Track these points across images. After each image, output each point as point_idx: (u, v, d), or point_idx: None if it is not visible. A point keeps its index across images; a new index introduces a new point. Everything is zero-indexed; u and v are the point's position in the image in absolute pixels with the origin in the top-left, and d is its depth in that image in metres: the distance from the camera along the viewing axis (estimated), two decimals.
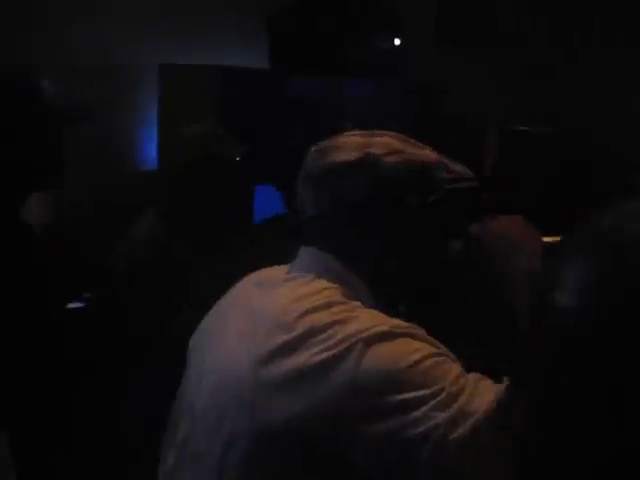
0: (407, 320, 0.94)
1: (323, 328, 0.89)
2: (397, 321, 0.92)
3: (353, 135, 1.07)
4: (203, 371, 1.01)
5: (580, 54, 4.14)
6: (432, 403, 0.82)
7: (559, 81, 4.12)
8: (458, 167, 1.07)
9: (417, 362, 0.86)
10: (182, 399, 1.06)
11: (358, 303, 0.95)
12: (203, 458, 0.95)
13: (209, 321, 1.11)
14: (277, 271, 1.08)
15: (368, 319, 0.91)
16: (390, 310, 0.96)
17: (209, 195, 1.78)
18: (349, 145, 1.04)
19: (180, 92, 3.54)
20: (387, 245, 1.03)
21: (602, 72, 3.95)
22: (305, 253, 1.06)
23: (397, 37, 4.36)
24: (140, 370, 1.60)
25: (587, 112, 3.96)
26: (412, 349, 0.87)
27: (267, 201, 2.90)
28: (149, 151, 3.75)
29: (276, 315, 0.94)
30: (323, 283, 0.99)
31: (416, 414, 0.82)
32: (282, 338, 0.90)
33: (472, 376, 0.88)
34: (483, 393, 0.84)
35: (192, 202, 1.79)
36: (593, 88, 3.96)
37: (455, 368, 0.87)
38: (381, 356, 0.86)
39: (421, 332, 0.91)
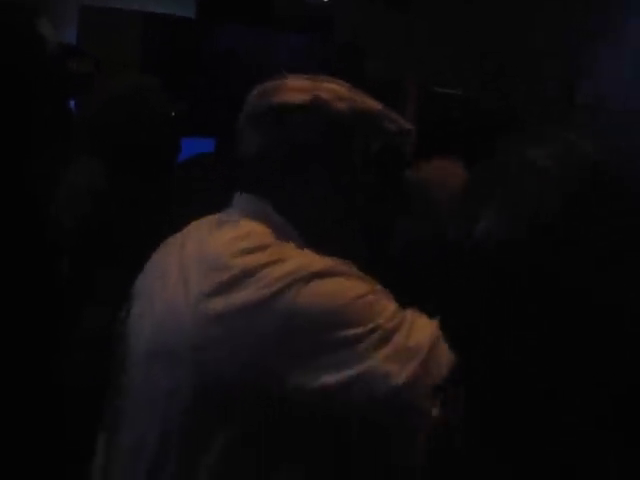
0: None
1: (258, 268, 0.88)
2: (333, 260, 0.92)
3: (299, 79, 1.04)
4: (141, 321, 1.00)
5: None
6: (368, 340, 0.84)
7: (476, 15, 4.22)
8: (400, 120, 1.07)
9: (354, 299, 0.86)
10: (123, 347, 1.04)
11: (292, 244, 0.95)
12: (146, 409, 0.93)
13: (149, 269, 1.09)
14: (214, 217, 1.05)
15: (304, 258, 0.91)
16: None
17: (146, 153, 1.72)
18: (297, 87, 1.01)
19: (100, 36, 3.41)
20: (325, 192, 1.01)
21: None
22: (240, 199, 1.04)
23: None
24: None
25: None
26: (348, 286, 0.88)
27: (191, 154, 2.87)
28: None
29: (210, 257, 0.93)
30: (256, 225, 0.97)
31: (353, 351, 0.83)
32: (217, 278, 0.89)
33: (409, 312, 0.89)
34: (421, 328, 0.86)
35: (128, 160, 1.72)
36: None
37: (391, 304, 0.89)
38: (318, 293, 0.86)
39: (356, 271, 0.92)
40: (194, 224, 1.07)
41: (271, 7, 4.07)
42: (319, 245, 0.97)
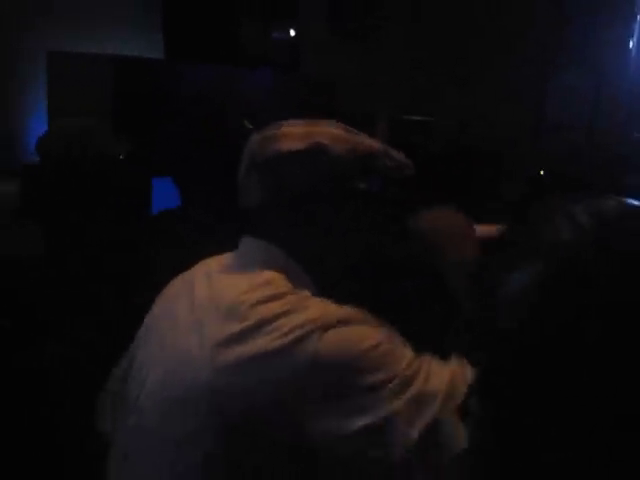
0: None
1: (275, 317, 0.90)
2: (349, 308, 0.94)
3: (296, 124, 1.07)
4: (151, 364, 0.99)
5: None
6: (389, 387, 0.86)
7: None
8: (399, 155, 1.09)
9: (373, 346, 0.89)
10: (129, 392, 1.04)
11: (307, 293, 0.97)
12: (153, 456, 0.94)
13: (156, 312, 1.09)
14: (222, 260, 1.07)
15: (320, 307, 0.93)
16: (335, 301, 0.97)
17: (86, 196, 1.69)
18: (295, 134, 1.04)
19: (70, 81, 3.42)
20: (332, 235, 1.04)
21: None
22: (248, 244, 1.06)
23: (292, 28, 4.39)
24: None
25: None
26: (368, 334, 0.90)
27: (165, 194, 2.87)
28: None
29: (227, 305, 0.93)
30: (272, 274, 0.99)
31: (375, 397, 0.85)
32: (235, 327, 0.90)
33: (425, 358, 0.92)
34: (438, 372, 0.89)
35: (67, 204, 1.69)
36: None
37: (408, 352, 0.91)
38: (339, 340, 0.89)
39: (372, 318, 0.95)
40: (201, 267, 1.08)
41: (237, 44, 4.11)
42: (331, 289, 1.00)
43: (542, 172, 4.03)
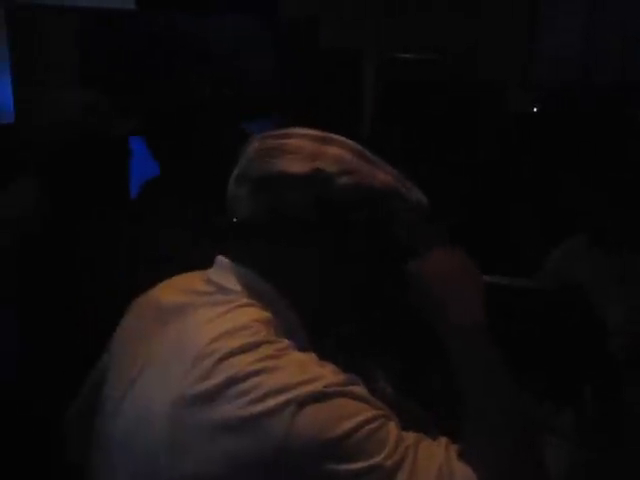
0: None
1: (245, 377, 0.81)
2: (330, 376, 0.83)
3: (303, 137, 0.94)
4: (116, 412, 0.92)
5: None
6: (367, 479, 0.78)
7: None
8: (414, 194, 0.97)
9: (352, 431, 0.79)
10: (99, 424, 0.97)
11: (287, 343, 0.86)
12: None
13: (126, 330, 1.01)
14: (196, 284, 0.96)
15: (298, 369, 0.82)
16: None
17: (90, 176, 1.60)
18: (299, 152, 0.92)
19: (34, 36, 3.22)
20: (325, 271, 0.94)
21: None
22: (227, 268, 0.95)
23: None
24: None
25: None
26: (347, 414, 0.80)
27: (143, 152, 2.73)
28: (4, 101, 3.42)
29: (194, 355, 0.84)
30: (250, 312, 0.89)
31: None
32: (201, 384, 0.81)
33: (412, 439, 0.83)
34: (425, 463, 0.81)
35: (73, 182, 1.61)
36: None
37: (392, 433, 0.82)
38: (315, 420, 0.79)
39: (356, 388, 0.84)
40: (179, 289, 0.97)
41: None
42: (321, 332, 0.91)
43: (535, 109, 3.87)
